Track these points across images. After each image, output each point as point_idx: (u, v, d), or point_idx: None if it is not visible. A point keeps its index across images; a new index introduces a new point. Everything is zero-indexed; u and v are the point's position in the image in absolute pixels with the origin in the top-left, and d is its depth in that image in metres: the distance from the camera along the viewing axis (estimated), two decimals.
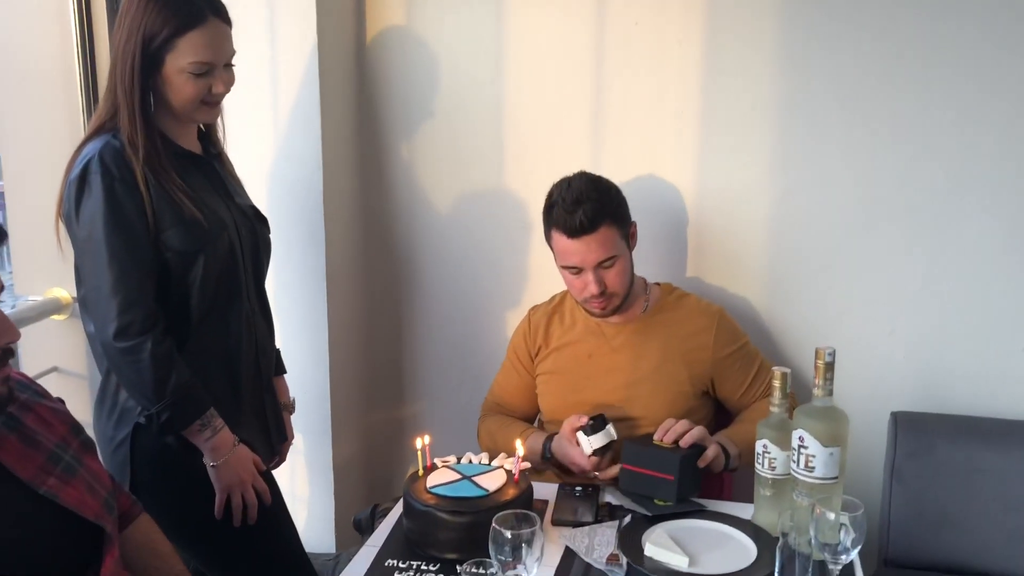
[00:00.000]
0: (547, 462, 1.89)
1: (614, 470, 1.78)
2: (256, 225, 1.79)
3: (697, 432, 1.75)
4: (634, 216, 1.93)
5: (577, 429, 1.78)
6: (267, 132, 2.21)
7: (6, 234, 1.16)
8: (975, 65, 2.00)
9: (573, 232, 1.81)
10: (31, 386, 1.32)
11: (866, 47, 2.05)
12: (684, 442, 1.73)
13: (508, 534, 1.29)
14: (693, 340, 1.95)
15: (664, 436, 1.75)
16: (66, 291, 2.23)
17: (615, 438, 1.77)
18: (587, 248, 1.82)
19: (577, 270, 1.86)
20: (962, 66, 2.01)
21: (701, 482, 1.76)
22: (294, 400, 2.04)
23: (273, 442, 1.83)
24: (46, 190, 2.09)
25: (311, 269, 2.25)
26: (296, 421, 2.01)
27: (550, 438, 1.88)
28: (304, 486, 2.37)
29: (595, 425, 1.76)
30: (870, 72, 2.06)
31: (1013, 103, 2.00)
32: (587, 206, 1.79)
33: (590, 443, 1.76)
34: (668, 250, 2.27)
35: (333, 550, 2.35)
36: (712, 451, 1.76)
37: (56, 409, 1.33)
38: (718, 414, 2.03)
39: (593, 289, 1.84)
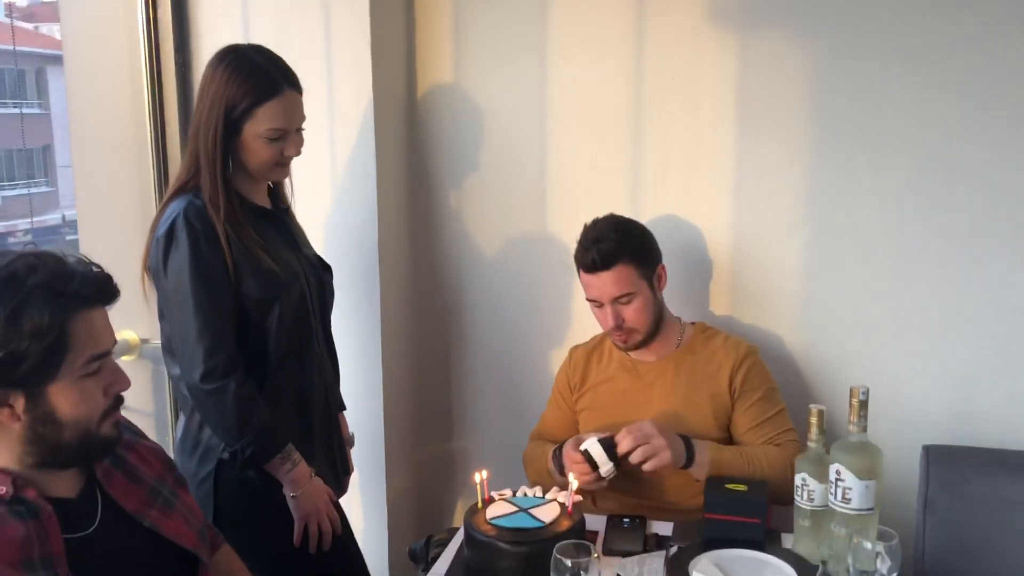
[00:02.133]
0: (556, 465, 1.99)
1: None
2: (322, 274, 1.92)
3: (661, 461, 1.81)
4: (672, 258, 2.04)
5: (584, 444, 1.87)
6: (326, 184, 2.33)
7: (118, 292, 1.29)
8: (1001, 104, 2.08)
9: (588, 268, 1.97)
10: (131, 427, 1.45)
11: (892, 95, 2.13)
12: (646, 468, 1.81)
13: (568, 562, 1.38)
14: (718, 375, 2.03)
15: (629, 451, 1.81)
16: (135, 333, 2.38)
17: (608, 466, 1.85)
18: (603, 283, 1.96)
19: (599, 304, 1.99)
20: (989, 105, 2.08)
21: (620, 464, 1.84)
22: (353, 435, 2.16)
23: (339, 475, 1.95)
24: (118, 243, 2.25)
25: (366, 313, 2.35)
26: (352, 457, 2.12)
27: (558, 448, 1.99)
28: (359, 518, 2.46)
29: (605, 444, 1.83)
30: (896, 118, 2.14)
31: None
32: (603, 245, 1.94)
33: (602, 459, 1.84)
34: (705, 290, 2.36)
35: None
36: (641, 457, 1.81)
37: (153, 448, 1.45)
38: None
39: (610, 322, 1.98)
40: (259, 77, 1.70)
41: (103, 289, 1.24)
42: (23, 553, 1.15)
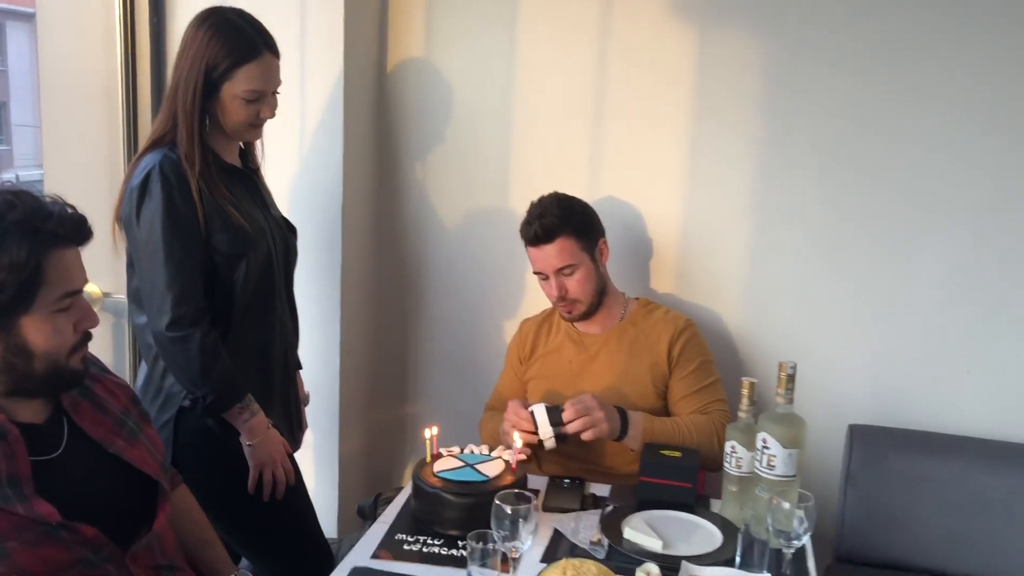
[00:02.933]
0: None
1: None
2: (287, 234, 1.99)
3: (598, 433, 1.91)
4: (622, 236, 2.15)
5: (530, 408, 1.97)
6: (294, 148, 2.39)
7: (91, 233, 1.35)
8: (936, 105, 2.22)
9: (531, 241, 2.09)
10: (98, 363, 1.52)
11: (839, 94, 2.26)
12: (585, 437, 1.90)
13: (508, 509, 1.46)
14: (657, 346, 2.14)
15: (571, 421, 1.90)
16: (98, 287, 2.42)
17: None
18: (546, 256, 2.08)
19: (544, 276, 2.11)
20: (926, 108, 2.23)
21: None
22: (308, 394, 2.23)
23: (294, 430, 2.02)
24: (87, 194, 2.28)
25: (327, 276, 2.43)
26: (307, 415, 2.18)
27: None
28: (311, 476, 2.53)
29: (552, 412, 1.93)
30: (840, 119, 2.27)
31: (975, 153, 2.22)
32: (546, 219, 2.06)
33: (544, 427, 1.94)
34: (650, 267, 2.48)
35: (335, 535, 2.53)
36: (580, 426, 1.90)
37: (119, 383, 1.52)
38: None
39: (554, 293, 2.10)
40: (240, 39, 1.75)
41: (78, 229, 1.30)
42: None
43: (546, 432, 1.94)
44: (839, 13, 2.24)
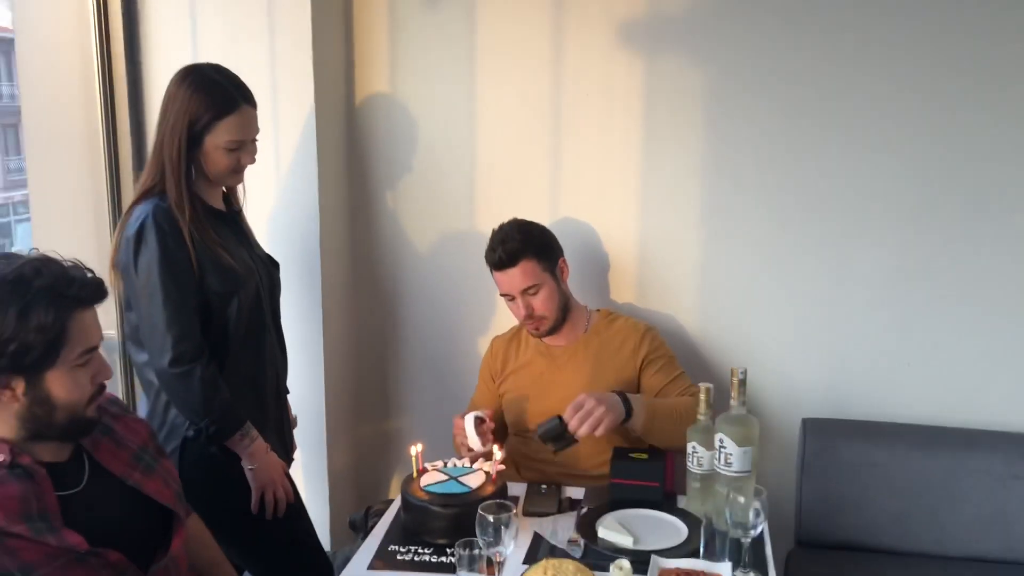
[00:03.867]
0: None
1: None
2: (271, 269, 2.11)
3: (607, 423, 1.95)
4: (582, 253, 2.29)
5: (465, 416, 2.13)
6: (271, 187, 2.50)
7: (107, 294, 1.48)
8: (864, 132, 2.40)
9: (496, 266, 2.22)
10: (118, 403, 1.65)
11: (775, 117, 2.43)
12: (598, 433, 1.94)
13: (491, 518, 1.60)
14: (621, 352, 2.28)
15: (578, 429, 1.94)
16: None
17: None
18: (510, 279, 2.21)
19: (510, 297, 2.25)
20: (852, 132, 2.40)
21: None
22: (296, 417, 2.35)
23: (288, 451, 2.16)
24: (74, 239, 2.38)
25: (309, 304, 2.54)
26: (295, 435, 2.29)
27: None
28: (302, 492, 2.61)
29: (555, 427, 2.00)
30: (780, 140, 2.44)
31: (905, 162, 2.39)
32: (508, 244, 2.19)
33: (473, 435, 2.10)
34: (610, 281, 2.63)
35: (329, 547, 2.65)
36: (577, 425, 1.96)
37: (138, 420, 1.66)
38: None
39: (521, 312, 2.23)
40: (219, 94, 1.88)
41: (97, 292, 1.44)
42: (24, 508, 1.35)
43: (474, 442, 2.09)
44: (764, 36, 2.40)
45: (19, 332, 1.33)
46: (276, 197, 2.53)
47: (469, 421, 2.12)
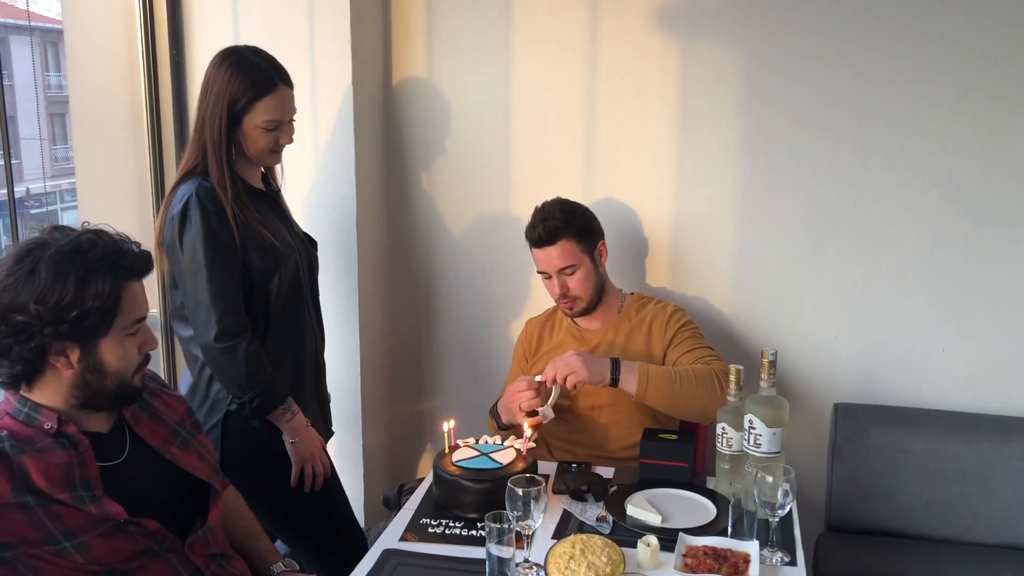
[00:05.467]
0: (495, 421, 2.26)
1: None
2: (310, 248, 2.16)
3: (575, 379, 2.02)
4: (618, 235, 2.29)
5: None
6: (310, 168, 2.55)
7: (154, 266, 1.53)
8: (902, 116, 2.38)
9: (536, 243, 2.24)
10: (157, 379, 1.70)
11: (811, 102, 2.42)
12: (569, 384, 2.02)
13: (520, 491, 1.61)
14: (651, 334, 2.29)
15: (549, 375, 2.04)
16: None
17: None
18: (549, 257, 2.23)
19: (547, 275, 2.27)
20: (889, 117, 2.38)
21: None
22: (330, 394, 2.40)
23: (329, 425, 2.21)
24: (116, 217, 2.45)
25: (346, 283, 2.59)
26: (332, 413, 2.34)
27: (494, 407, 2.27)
28: (337, 469, 2.70)
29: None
30: (814, 122, 2.43)
31: (941, 145, 2.37)
32: (549, 223, 2.21)
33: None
34: (646, 264, 2.64)
35: (363, 524, 2.70)
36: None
37: (176, 396, 1.71)
38: None
39: (556, 291, 2.26)
40: (257, 75, 1.92)
41: (147, 264, 1.49)
42: (67, 476, 1.41)
43: (547, 410, 2.09)
44: (803, 19, 2.39)
45: (79, 299, 1.38)
46: (313, 178, 2.57)
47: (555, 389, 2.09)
